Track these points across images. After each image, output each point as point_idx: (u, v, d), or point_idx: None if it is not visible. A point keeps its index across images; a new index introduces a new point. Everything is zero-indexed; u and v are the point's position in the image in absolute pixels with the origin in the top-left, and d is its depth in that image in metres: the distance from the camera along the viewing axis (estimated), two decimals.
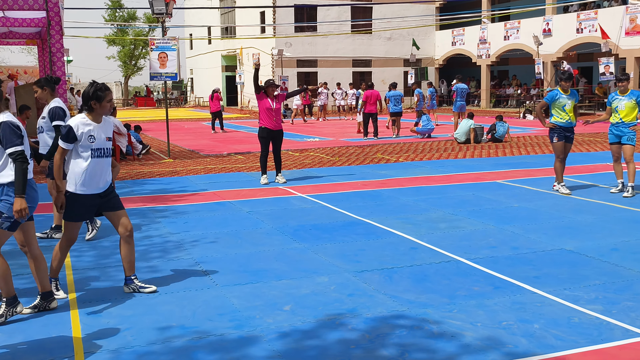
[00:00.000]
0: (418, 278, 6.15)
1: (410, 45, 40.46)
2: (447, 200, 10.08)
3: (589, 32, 31.50)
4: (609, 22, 30.10)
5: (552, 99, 10.32)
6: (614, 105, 10.20)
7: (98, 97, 5.53)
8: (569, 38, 32.74)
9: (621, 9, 30.11)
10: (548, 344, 4.56)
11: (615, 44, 29.84)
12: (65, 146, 5.51)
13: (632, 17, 29.31)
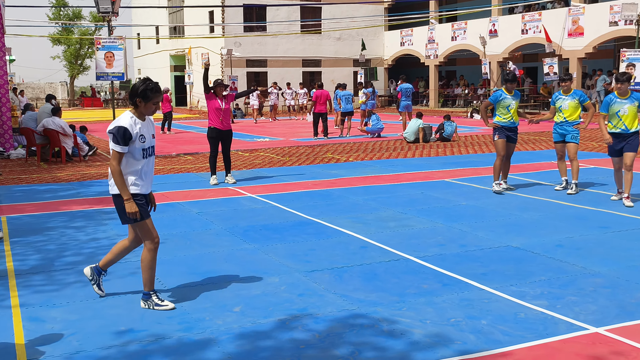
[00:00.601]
0: (368, 277, 6.18)
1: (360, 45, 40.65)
2: (396, 199, 10.16)
3: (534, 33, 32.18)
4: (552, 24, 30.80)
5: (496, 99, 10.44)
6: (558, 104, 10.38)
7: (145, 96, 5.27)
8: (514, 39, 33.39)
9: (564, 11, 30.86)
10: (495, 339, 4.64)
11: (558, 44, 30.56)
12: (121, 150, 5.17)
13: (574, 18, 30.07)
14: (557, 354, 4.38)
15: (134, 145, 5.24)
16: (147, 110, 5.35)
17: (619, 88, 9.28)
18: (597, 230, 7.84)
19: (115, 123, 5.27)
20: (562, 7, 32.20)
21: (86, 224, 8.74)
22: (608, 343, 4.53)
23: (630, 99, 9.26)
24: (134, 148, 5.25)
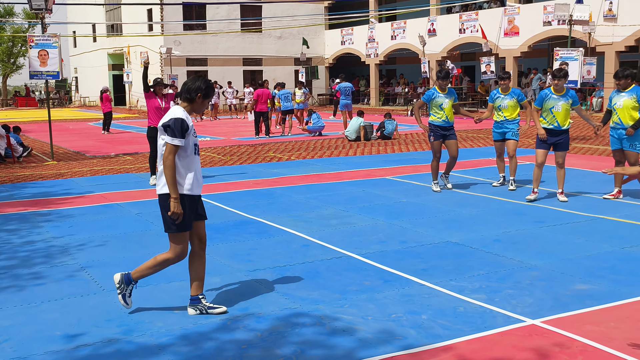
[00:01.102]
0: (310, 275, 6.18)
1: (301, 44, 40.68)
2: (338, 197, 10.20)
3: (471, 33, 32.80)
4: (489, 23, 31.45)
5: (429, 98, 10.29)
6: (497, 103, 10.43)
7: (207, 94, 5.12)
8: (452, 38, 33.96)
9: (500, 11, 31.55)
10: (435, 333, 4.70)
11: (495, 44, 31.21)
12: (178, 142, 4.90)
13: (510, 18, 30.77)
14: (495, 346, 4.47)
15: (188, 138, 5.01)
16: (201, 108, 5.19)
17: (557, 84, 9.25)
18: (533, 225, 8.03)
19: (169, 116, 5.00)
20: (498, 7, 32.92)
21: (20, 226, 8.49)
22: (544, 334, 4.65)
23: (565, 97, 9.27)
24: (187, 142, 5.01)
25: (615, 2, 26.35)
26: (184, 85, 5.15)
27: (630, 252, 6.75)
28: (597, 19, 26.49)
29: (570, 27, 18.91)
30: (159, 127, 5.01)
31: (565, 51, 17.60)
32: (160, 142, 4.99)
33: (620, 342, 4.46)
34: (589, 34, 26.61)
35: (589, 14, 19.13)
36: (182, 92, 5.15)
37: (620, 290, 5.54)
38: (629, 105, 9.14)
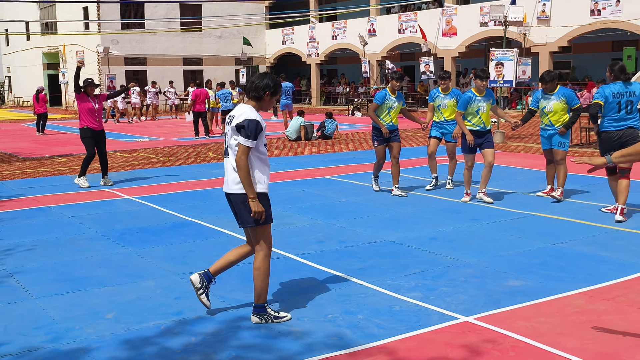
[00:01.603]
0: (247, 277, 6.11)
1: (241, 43, 40.44)
2: (277, 197, 10.14)
3: (410, 33, 33.18)
4: (427, 24, 31.88)
5: (382, 100, 9.90)
6: (437, 103, 10.43)
7: (275, 92, 5.01)
8: (392, 38, 34.29)
9: (438, 12, 32.01)
10: (371, 333, 4.71)
11: (433, 44, 31.66)
12: (251, 144, 4.80)
13: (448, 19, 31.25)
14: (429, 344, 4.50)
15: (261, 139, 4.91)
16: (269, 105, 5.10)
17: (483, 86, 9.29)
18: (468, 223, 8.15)
19: (243, 116, 4.86)
20: (436, 7, 33.39)
21: None
22: (476, 331, 4.71)
23: (487, 97, 9.32)
24: (259, 142, 4.91)
25: (549, 4, 27.05)
26: (252, 83, 5.03)
27: (561, 248, 6.92)
28: (531, 20, 27.16)
29: (505, 28, 19.31)
30: (233, 127, 4.87)
31: (501, 52, 17.97)
32: (232, 142, 4.91)
33: (549, 337, 4.56)
34: (524, 35, 27.27)
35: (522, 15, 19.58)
36: (249, 90, 5.04)
37: (551, 286, 5.67)
38: (559, 108, 9.30)
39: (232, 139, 4.91)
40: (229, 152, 4.97)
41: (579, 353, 4.29)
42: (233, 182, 4.93)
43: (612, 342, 4.48)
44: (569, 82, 30.72)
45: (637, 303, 5.21)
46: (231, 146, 4.93)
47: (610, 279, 5.84)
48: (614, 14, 24.97)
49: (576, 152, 14.73)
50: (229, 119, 5.00)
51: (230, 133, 4.94)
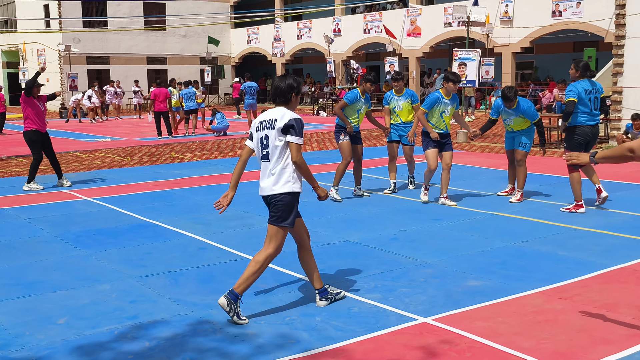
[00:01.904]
0: (204, 279, 6.04)
1: (206, 42, 40.13)
2: (239, 197, 9.99)
3: (375, 33, 33.27)
4: (392, 24, 31.98)
5: (352, 100, 9.71)
6: (392, 105, 10.23)
7: (299, 90, 5.16)
8: (357, 38, 34.34)
9: (403, 12, 32.15)
10: (328, 335, 4.66)
11: (398, 44, 31.79)
12: (301, 141, 4.99)
13: (412, 19, 31.40)
14: (386, 346, 4.47)
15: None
16: (296, 105, 5.21)
17: (453, 89, 9.18)
18: (430, 223, 8.16)
19: (287, 116, 4.96)
20: (401, 8, 33.53)
21: None
22: (434, 332, 4.69)
23: (453, 101, 9.26)
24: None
25: (511, 5, 27.33)
26: (276, 89, 5.10)
27: (520, 247, 6.95)
28: (494, 21, 27.41)
29: (468, 29, 19.44)
30: (279, 128, 4.93)
31: (464, 52, 18.08)
32: (277, 143, 4.96)
33: (506, 337, 4.56)
34: (487, 36, 27.51)
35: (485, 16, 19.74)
36: (276, 96, 5.11)
37: (510, 286, 5.68)
38: (520, 121, 9.28)
39: (276, 140, 4.96)
40: (270, 155, 5.03)
41: (534, 353, 4.29)
42: (273, 184, 5.03)
43: (567, 341, 4.49)
44: (531, 82, 31.10)
45: (593, 302, 5.25)
46: (276, 148, 4.98)
47: (568, 278, 5.87)
48: (574, 15, 25.32)
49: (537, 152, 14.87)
50: (262, 125, 5.07)
51: (273, 135, 4.97)
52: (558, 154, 14.86)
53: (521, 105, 9.15)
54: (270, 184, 5.05)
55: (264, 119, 5.10)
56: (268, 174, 5.07)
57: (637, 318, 4.89)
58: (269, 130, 5.00)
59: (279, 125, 4.93)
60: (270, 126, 4.99)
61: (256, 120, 5.21)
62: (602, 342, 4.47)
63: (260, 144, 5.08)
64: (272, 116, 5.02)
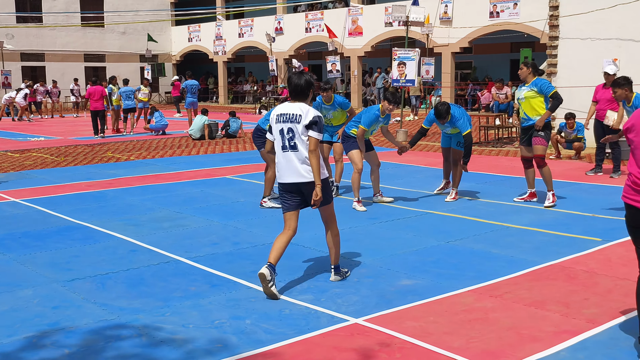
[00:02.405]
0: (133, 282, 5.85)
1: (146, 40, 39.43)
2: (174, 198, 9.87)
3: (317, 32, 33.25)
4: (334, 23, 32.01)
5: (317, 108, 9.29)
6: (324, 113, 9.75)
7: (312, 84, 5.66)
8: (299, 37, 34.26)
9: (344, 11, 32.21)
10: (257, 339, 4.56)
11: (340, 43, 31.84)
12: (321, 137, 5.49)
13: (354, 18, 31.50)
14: (316, 348, 4.40)
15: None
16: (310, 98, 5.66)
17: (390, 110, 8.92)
18: (366, 222, 8.14)
19: (311, 113, 5.47)
20: (342, 7, 33.60)
21: None
22: (365, 333, 4.64)
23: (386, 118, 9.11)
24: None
25: (450, 5, 27.68)
26: (296, 86, 5.52)
27: (454, 245, 6.98)
28: (434, 21, 27.71)
29: (407, 28, 19.56)
30: (304, 125, 5.42)
31: (403, 51, 18.19)
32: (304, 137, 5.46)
33: (436, 337, 4.54)
34: (427, 36, 27.79)
35: (424, 15, 19.90)
36: (295, 92, 5.53)
37: (442, 284, 5.68)
38: (455, 131, 9.32)
39: (303, 135, 5.45)
40: (299, 146, 5.48)
41: (463, 352, 4.29)
42: (307, 171, 5.50)
43: (496, 339, 4.50)
44: (470, 82, 31.58)
45: (523, 299, 5.29)
46: (303, 141, 5.46)
47: (499, 275, 5.91)
48: (511, 16, 25.78)
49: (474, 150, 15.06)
50: (283, 117, 5.52)
51: (300, 130, 5.45)
52: (494, 152, 15.09)
53: (454, 117, 9.15)
54: (304, 172, 5.50)
55: (284, 113, 5.52)
56: (297, 163, 5.51)
57: (565, 314, 4.95)
58: (294, 125, 5.47)
59: (305, 122, 5.44)
60: (296, 121, 5.46)
61: (275, 112, 5.62)
62: (531, 339, 4.49)
63: (283, 135, 5.51)
64: (295, 111, 5.48)
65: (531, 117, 8.83)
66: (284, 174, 5.58)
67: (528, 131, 8.96)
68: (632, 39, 14.45)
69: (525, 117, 8.90)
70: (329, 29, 31.04)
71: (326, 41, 31.72)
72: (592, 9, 14.82)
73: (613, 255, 6.53)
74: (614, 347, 4.34)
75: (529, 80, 8.83)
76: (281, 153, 5.56)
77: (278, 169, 5.66)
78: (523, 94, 8.86)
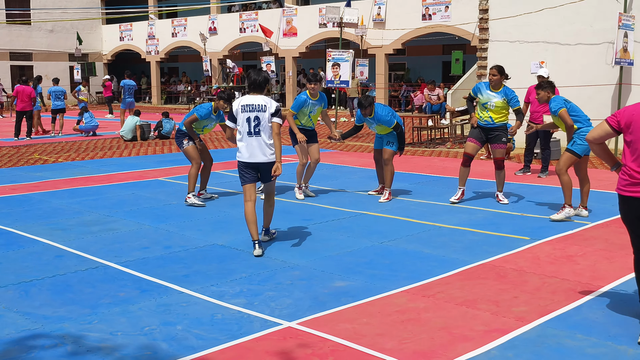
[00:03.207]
0: (59, 289, 5.65)
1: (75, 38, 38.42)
2: (104, 201, 9.61)
3: (251, 32, 33.08)
4: (268, 23, 31.89)
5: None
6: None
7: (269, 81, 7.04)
8: (233, 37, 34.02)
9: (279, 11, 32.14)
10: (189, 345, 4.46)
11: (275, 44, 31.75)
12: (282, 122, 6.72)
13: (288, 19, 31.46)
14: (248, 353, 4.33)
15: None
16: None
17: (313, 89, 9.24)
18: (300, 223, 8.09)
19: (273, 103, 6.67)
20: (277, 7, 33.52)
21: None
22: (298, 336, 4.59)
23: (320, 101, 9.41)
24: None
25: (384, 7, 27.95)
26: (255, 81, 6.64)
27: (387, 246, 7.02)
28: (368, 23, 27.94)
29: (341, 29, 19.66)
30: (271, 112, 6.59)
31: (337, 52, 18.26)
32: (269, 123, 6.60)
33: (369, 339, 4.53)
34: (361, 37, 28.00)
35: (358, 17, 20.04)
36: (254, 86, 6.64)
37: (375, 285, 5.69)
38: (382, 129, 9.43)
39: (269, 122, 6.57)
40: (262, 132, 6.56)
41: (396, 353, 4.29)
42: (269, 153, 6.60)
43: (428, 340, 4.53)
44: (403, 83, 31.99)
45: (455, 299, 5.34)
46: (268, 127, 6.58)
47: (431, 275, 5.97)
48: (443, 18, 26.24)
49: (407, 151, 15.23)
50: (248, 107, 6.55)
51: (266, 117, 6.56)
52: (427, 153, 15.29)
53: (377, 113, 9.27)
54: (267, 153, 6.60)
55: (249, 103, 6.55)
56: (262, 146, 6.57)
57: (495, 313, 5.02)
58: (260, 113, 6.53)
59: (271, 110, 6.57)
60: (262, 110, 6.54)
61: (239, 103, 6.60)
62: (462, 339, 4.54)
63: (250, 123, 6.52)
64: (259, 102, 6.55)
65: (496, 122, 9.08)
66: (252, 154, 6.59)
67: (488, 132, 9.19)
68: (558, 42, 14.89)
69: (490, 120, 9.10)
70: (264, 29, 30.91)
71: (261, 41, 31.59)
72: (520, 12, 15.21)
73: (541, 253, 6.68)
74: (541, 345, 4.42)
75: (498, 88, 9.00)
76: (247, 138, 6.57)
77: (247, 150, 6.59)
78: (494, 102, 9.02)
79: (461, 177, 9.29)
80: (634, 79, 13.98)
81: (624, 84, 14.01)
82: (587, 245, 6.96)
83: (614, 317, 4.92)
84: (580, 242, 7.09)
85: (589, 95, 14.15)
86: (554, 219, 8.06)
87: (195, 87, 37.52)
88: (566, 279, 5.85)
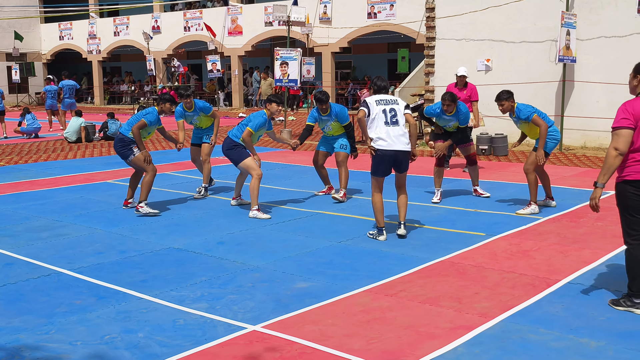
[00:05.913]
0: (11, 299, 5.45)
1: (13, 38, 37.27)
2: (52, 205, 9.33)
3: (196, 31, 32.68)
4: (213, 22, 31.55)
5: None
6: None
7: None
8: (177, 36, 33.53)
9: (223, 10, 31.84)
10: (152, 353, 4.35)
11: (220, 42, 31.45)
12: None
13: (233, 18, 31.20)
14: (214, 359, 4.25)
15: None
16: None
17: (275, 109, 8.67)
18: (256, 224, 8.01)
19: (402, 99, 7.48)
20: (221, 6, 33.19)
21: None
22: (264, 340, 4.53)
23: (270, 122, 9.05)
24: None
25: (330, 6, 27.98)
26: (385, 87, 7.39)
27: (346, 245, 7.01)
28: (314, 21, 27.92)
29: (289, 28, 19.58)
30: (404, 105, 7.28)
31: (285, 51, 18.18)
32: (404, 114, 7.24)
33: (336, 340, 4.51)
34: (308, 35, 27.97)
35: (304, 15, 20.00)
36: (385, 88, 7.37)
37: (338, 285, 5.67)
38: (337, 127, 9.44)
39: (403, 113, 7.20)
40: (399, 122, 7.15)
41: (364, 354, 4.28)
42: (406, 142, 7.15)
43: (395, 339, 4.52)
44: (350, 81, 32.10)
45: (418, 297, 5.36)
46: (403, 117, 7.20)
47: (392, 274, 5.97)
48: (388, 17, 26.40)
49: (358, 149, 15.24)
50: (383, 102, 7.16)
51: (401, 110, 7.19)
52: None
53: (333, 108, 9.33)
54: (405, 142, 7.12)
55: (383, 99, 7.19)
56: (401, 135, 7.10)
57: (458, 310, 5.06)
58: (395, 105, 7.17)
59: (402, 104, 7.27)
60: (395, 103, 7.20)
61: (373, 98, 7.19)
62: (428, 337, 4.55)
63: (386, 114, 7.08)
64: (390, 98, 7.24)
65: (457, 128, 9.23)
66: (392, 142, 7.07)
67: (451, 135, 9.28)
68: (503, 40, 15.15)
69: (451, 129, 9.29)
70: (209, 28, 30.57)
71: (206, 40, 31.24)
72: (466, 11, 15.42)
73: (497, 249, 6.77)
74: (506, 340, 4.47)
75: (452, 112, 8.99)
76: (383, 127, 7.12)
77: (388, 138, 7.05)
78: (452, 124, 9.21)
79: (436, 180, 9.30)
80: (577, 76, 14.32)
81: (567, 80, 14.35)
82: (541, 240, 7.08)
83: (573, 310, 5.02)
84: (534, 237, 7.21)
85: (533, 92, 14.45)
86: (520, 213, 8.25)
87: (139, 86, 36.87)
88: (524, 273, 5.94)
